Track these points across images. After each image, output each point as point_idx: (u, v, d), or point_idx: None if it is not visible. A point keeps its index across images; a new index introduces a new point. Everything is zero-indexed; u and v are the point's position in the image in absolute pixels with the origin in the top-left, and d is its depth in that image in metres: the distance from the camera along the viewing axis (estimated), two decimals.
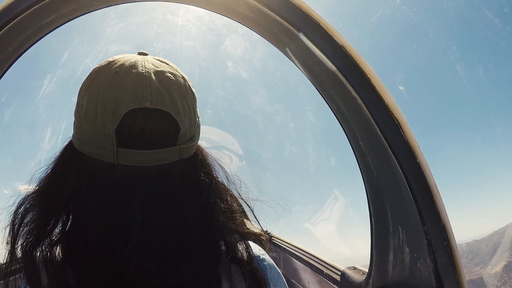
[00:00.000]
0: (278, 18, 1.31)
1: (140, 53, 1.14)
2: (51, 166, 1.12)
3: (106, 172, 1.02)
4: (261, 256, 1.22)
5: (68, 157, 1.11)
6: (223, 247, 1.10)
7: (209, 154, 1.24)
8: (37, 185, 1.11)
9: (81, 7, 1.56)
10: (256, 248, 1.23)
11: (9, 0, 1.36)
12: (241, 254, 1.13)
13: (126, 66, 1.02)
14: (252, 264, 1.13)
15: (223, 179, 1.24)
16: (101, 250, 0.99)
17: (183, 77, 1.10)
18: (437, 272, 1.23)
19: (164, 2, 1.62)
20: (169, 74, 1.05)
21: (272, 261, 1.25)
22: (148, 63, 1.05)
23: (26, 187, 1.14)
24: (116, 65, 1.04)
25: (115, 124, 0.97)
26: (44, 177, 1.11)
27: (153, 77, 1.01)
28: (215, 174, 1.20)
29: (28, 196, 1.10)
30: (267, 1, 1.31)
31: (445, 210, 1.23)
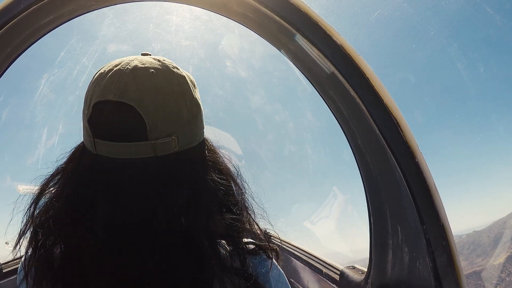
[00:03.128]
0: (277, 17, 1.31)
1: (142, 54, 1.16)
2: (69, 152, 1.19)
3: (91, 161, 1.08)
4: (263, 269, 1.18)
5: (77, 148, 1.18)
6: (209, 251, 1.06)
7: (216, 154, 1.24)
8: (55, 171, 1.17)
9: (80, 7, 1.56)
10: (259, 260, 1.18)
11: (8, 0, 1.36)
12: (231, 262, 1.09)
13: (114, 64, 1.08)
14: (246, 275, 1.09)
15: (232, 183, 1.23)
16: (72, 235, 1.04)
17: (174, 74, 1.10)
18: (436, 271, 1.23)
19: (162, 2, 1.62)
20: (152, 70, 1.06)
21: (279, 272, 1.22)
22: (136, 61, 1.08)
23: (25, 187, 1.17)
24: (107, 65, 1.09)
25: (87, 116, 1.04)
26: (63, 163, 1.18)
27: (130, 72, 1.04)
28: (221, 178, 1.18)
29: (48, 178, 1.16)
30: (265, 1, 1.31)
31: (444, 210, 1.23)
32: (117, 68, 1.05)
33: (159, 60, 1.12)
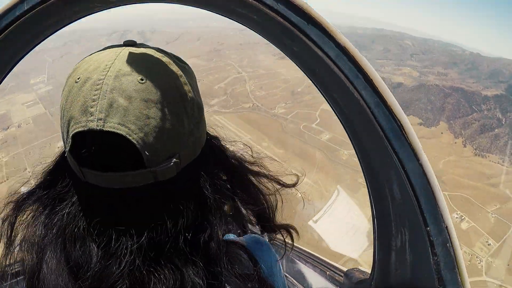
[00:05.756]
0: (280, 19, 1.31)
1: (126, 43, 1.02)
2: (51, 163, 1.11)
3: (80, 186, 0.98)
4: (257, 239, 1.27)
5: (59, 160, 1.09)
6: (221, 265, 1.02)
7: (222, 153, 1.17)
8: (36, 182, 1.10)
9: (84, 9, 1.56)
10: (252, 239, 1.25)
11: (12, 2, 1.36)
12: (240, 273, 1.07)
13: (89, 70, 0.91)
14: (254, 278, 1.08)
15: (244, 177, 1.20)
16: (73, 269, 0.95)
17: (169, 74, 0.96)
18: (439, 274, 1.23)
19: (164, 4, 1.62)
20: (139, 77, 0.89)
21: (265, 240, 1.29)
22: (118, 63, 0.90)
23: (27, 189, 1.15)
24: (82, 69, 0.93)
25: (68, 146, 0.91)
26: (43, 173, 1.10)
27: (112, 83, 0.87)
28: (229, 176, 1.14)
29: (27, 192, 1.09)
30: (268, 2, 1.31)
31: (448, 212, 1.23)
32: (95, 76, 0.88)
33: (147, 56, 0.96)
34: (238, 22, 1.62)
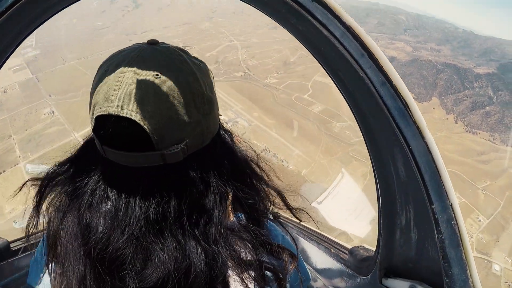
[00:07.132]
0: None
1: (149, 42, 1.16)
2: (82, 142, 1.27)
3: (102, 162, 1.13)
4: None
5: (89, 139, 1.24)
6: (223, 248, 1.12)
7: (231, 146, 1.29)
8: (68, 156, 1.26)
9: None
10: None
11: None
12: (242, 259, 1.15)
13: (115, 64, 1.07)
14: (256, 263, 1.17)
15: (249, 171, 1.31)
16: (84, 231, 1.08)
17: (183, 72, 1.09)
18: (444, 252, 1.24)
19: None
20: (156, 73, 1.04)
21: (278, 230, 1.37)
22: (139, 60, 1.06)
23: (34, 166, 1.21)
24: (111, 61, 1.09)
25: (92, 127, 1.07)
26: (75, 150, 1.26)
27: (132, 77, 1.02)
28: (236, 170, 1.24)
29: (59, 164, 1.25)
30: None
31: (453, 189, 1.23)
32: (118, 70, 1.04)
33: (165, 54, 1.11)
34: (243, 1, 1.61)
